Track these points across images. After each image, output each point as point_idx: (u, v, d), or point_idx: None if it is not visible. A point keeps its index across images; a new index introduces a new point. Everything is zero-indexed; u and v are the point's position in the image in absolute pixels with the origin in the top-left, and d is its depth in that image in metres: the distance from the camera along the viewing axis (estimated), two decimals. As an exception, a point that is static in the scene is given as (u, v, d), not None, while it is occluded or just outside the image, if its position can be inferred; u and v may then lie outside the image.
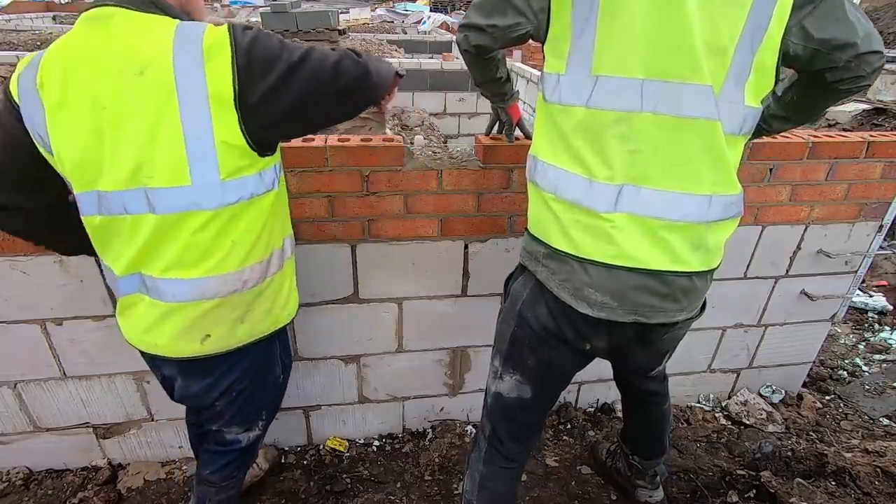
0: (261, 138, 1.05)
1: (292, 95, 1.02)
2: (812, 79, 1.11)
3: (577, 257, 1.11)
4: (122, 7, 0.98)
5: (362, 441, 2.12)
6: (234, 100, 0.98)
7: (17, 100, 0.99)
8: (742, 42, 0.99)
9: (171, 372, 1.28)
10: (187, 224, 1.04)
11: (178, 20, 1.01)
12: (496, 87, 1.44)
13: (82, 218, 1.08)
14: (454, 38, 8.62)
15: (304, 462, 2.01)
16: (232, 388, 1.29)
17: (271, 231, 1.19)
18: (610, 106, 1.03)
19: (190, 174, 1.00)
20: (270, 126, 1.06)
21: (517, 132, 1.63)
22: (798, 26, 0.99)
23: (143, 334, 1.18)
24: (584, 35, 1.03)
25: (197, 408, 1.38)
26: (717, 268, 1.18)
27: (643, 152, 1.03)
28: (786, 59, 1.04)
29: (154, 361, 1.28)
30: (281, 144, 1.50)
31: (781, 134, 1.86)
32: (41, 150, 1.02)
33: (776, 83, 1.07)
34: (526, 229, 1.26)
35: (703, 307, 1.27)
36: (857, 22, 0.99)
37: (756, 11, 0.97)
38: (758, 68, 1.02)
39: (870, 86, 1.09)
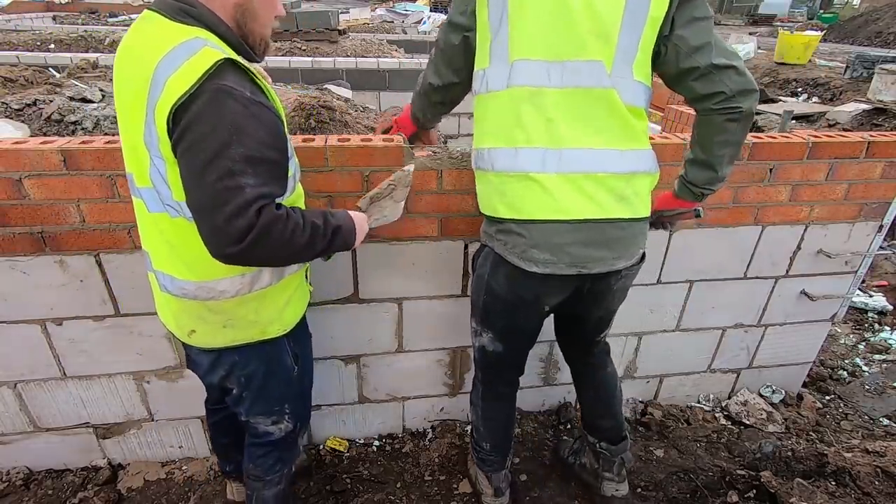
0: None
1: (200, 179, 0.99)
2: (693, 101, 1.26)
3: (519, 220, 1.28)
4: (157, 12, 1.02)
5: (362, 441, 2.12)
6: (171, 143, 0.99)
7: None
8: (624, 29, 1.17)
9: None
10: (159, 224, 1.12)
11: (198, 33, 0.98)
12: None
13: None
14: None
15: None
16: (236, 369, 1.30)
17: None
18: (524, 83, 1.22)
19: (152, 182, 1.07)
20: None
21: None
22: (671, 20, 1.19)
23: (159, 311, 1.32)
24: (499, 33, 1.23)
25: (211, 384, 1.39)
26: (645, 218, 1.35)
27: (555, 120, 1.22)
28: (656, 57, 1.23)
29: None
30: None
31: (782, 134, 1.86)
32: None
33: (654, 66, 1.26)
34: (480, 211, 1.43)
35: (643, 257, 1.41)
36: (714, 40, 1.18)
37: (632, 4, 1.16)
38: (643, 48, 1.21)
39: (741, 125, 1.23)
